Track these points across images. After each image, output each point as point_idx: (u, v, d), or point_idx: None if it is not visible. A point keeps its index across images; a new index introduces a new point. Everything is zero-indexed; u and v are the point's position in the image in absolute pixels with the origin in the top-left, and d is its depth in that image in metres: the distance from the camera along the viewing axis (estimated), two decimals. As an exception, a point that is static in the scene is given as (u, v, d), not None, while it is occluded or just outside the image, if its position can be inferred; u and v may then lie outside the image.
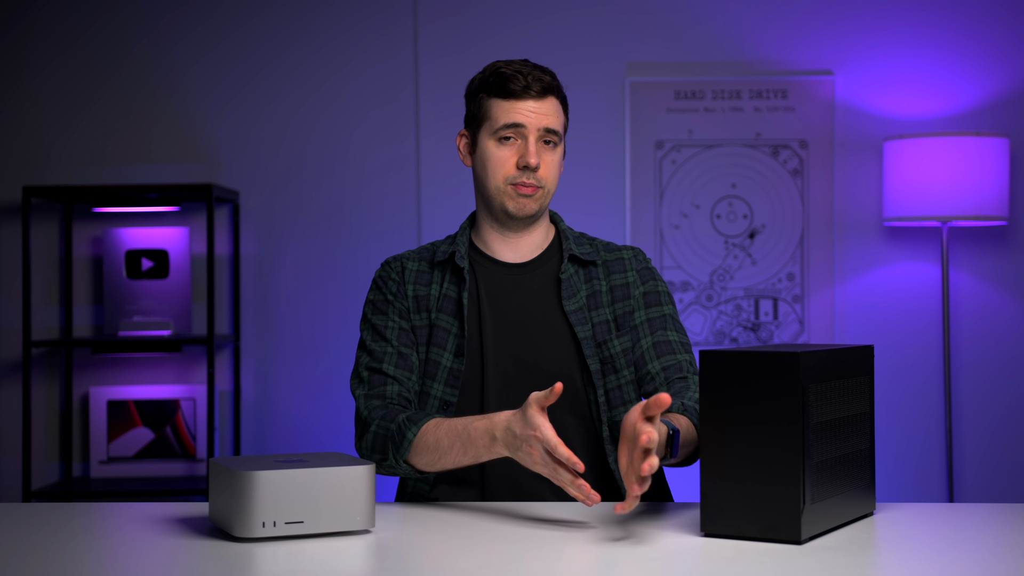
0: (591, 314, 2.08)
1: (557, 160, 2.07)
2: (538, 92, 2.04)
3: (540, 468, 1.75)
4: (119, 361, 3.90)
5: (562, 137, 2.08)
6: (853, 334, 3.84)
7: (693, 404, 1.92)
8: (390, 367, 2.04)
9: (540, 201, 2.06)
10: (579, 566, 1.52)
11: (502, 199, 2.05)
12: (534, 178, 2.03)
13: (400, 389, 2.03)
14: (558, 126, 2.06)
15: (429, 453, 1.91)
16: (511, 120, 2.03)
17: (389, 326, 2.08)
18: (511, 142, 2.05)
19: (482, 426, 1.84)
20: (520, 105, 2.03)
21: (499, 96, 2.05)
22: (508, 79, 2.03)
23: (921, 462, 3.84)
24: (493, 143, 2.05)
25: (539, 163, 2.03)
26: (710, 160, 3.87)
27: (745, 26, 3.87)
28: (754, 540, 1.60)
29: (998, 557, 1.57)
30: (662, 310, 2.12)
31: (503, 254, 2.12)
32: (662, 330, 2.10)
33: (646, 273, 2.14)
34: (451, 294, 2.09)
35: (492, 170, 2.06)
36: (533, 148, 2.03)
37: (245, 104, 3.90)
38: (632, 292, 2.11)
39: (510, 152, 2.05)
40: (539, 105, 2.04)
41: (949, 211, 3.58)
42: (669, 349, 2.08)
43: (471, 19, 3.89)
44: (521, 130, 2.03)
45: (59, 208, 3.89)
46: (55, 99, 3.91)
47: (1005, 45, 3.84)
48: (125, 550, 1.64)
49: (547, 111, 2.04)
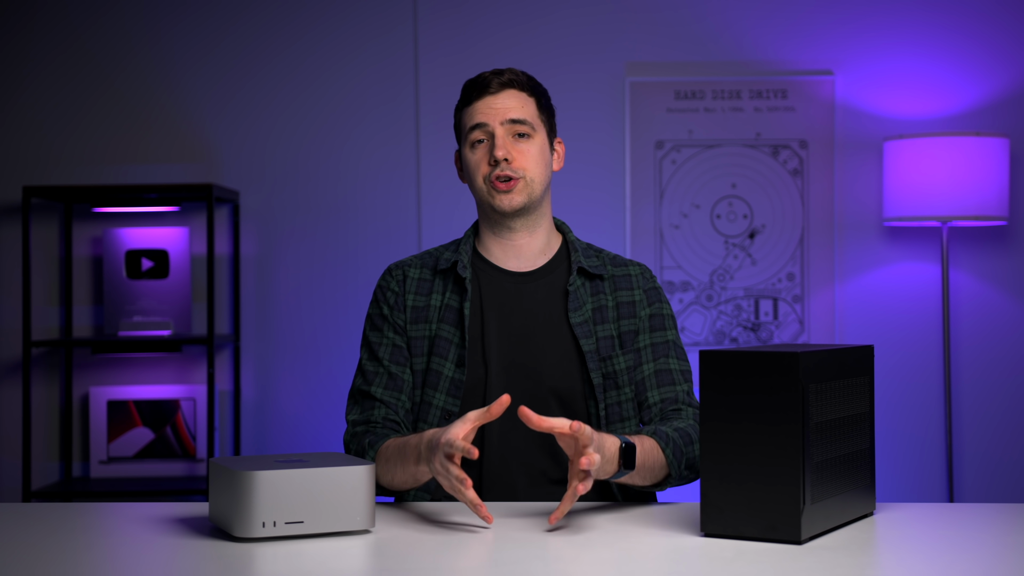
0: (596, 328, 2.08)
1: (535, 150, 2.07)
2: (496, 88, 2.06)
3: (441, 481, 1.76)
4: (119, 361, 3.90)
5: (537, 127, 2.08)
6: (853, 334, 3.84)
7: (669, 430, 1.93)
8: (379, 389, 2.07)
9: (524, 192, 2.05)
10: (579, 566, 1.52)
11: (487, 199, 2.07)
12: (509, 169, 2.04)
13: (387, 412, 2.05)
14: (525, 115, 2.06)
15: (385, 472, 1.94)
16: (474, 121, 2.06)
17: (383, 343, 2.10)
18: (482, 144, 2.07)
19: (414, 441, 1.87)
20: (480, 104, 2.07)
21: (465, 104, 2.09)
22: (469, 85, 2.08)
23: (921, 462, 3.84)
24: (468, 150, 2.09)
25: (508, 154, 2.03)
26: (710, 160, 3.87)
27: (745, 26, 3.87)
28: (754, 540, 1.60)
29: (998, 557, 1.57)
30: (666, 335, 2.12)
31: (506, 261, 2.11)
32: (664, 357, 2.10)
33: (653, 294, 2.14)
34: (453, 304, 2.08)
35: (472, 175, 2.08)
36: (500, 141, 2.04)
37: (245, 104, 3.90)
38: (638, 312, 2.11)
39: (482, 153, 2.07)
40: (497, 99, 2.06)
41: (949, 211, 3.58)
42: (669, 379, 2.09)
43: (471, 19, 3.89)
44: (486, 128, 2.06)
45: (59, 208, 3.89)
46: (55, 99, 3.91)
47: (1005, 45, 3.85)
48: (125, 550, 1.64)
49: (509, 104, 2.06)
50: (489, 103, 2.06)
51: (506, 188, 2.04)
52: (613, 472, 1.76)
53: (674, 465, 1.90)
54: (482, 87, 2.07)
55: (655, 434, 1.90)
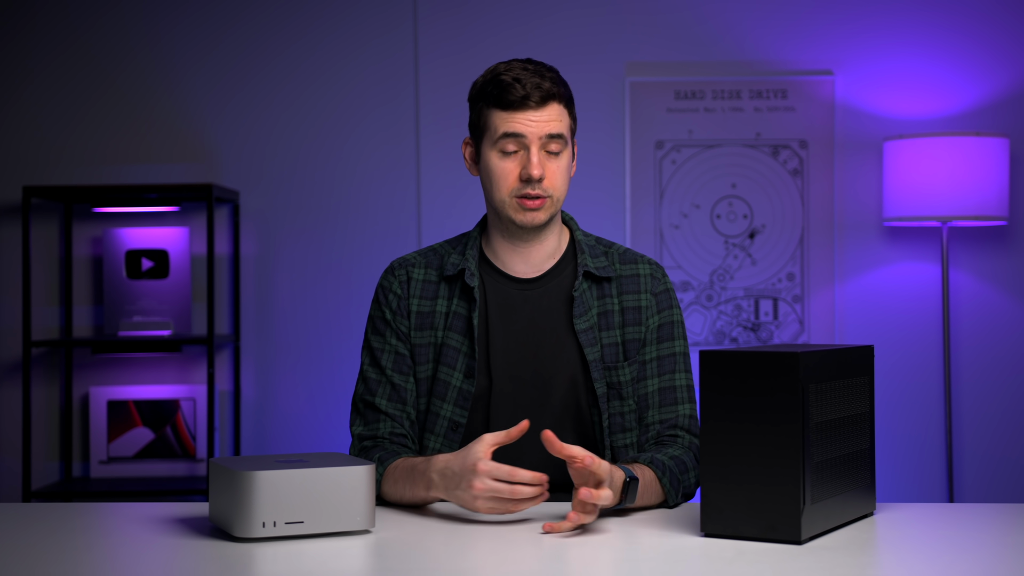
0: (601, 335, 2.04)
1: (563, 166, 2.00)
2: (537, 101, 1.97)
3: (480, 505, 1.76)
4: (119, 361, 3.90)
5: (568, 140, 2.01)
6: (853, 334, 3.84)
7: (666, 459, 1.92)
8: (383, 401, 2.05)
9: (549, 211, 2.00)
10: (579, 566, 1.52)
11: (509, 213, 2.00)
12: (539, 188, 1.97)
13: (393, 425, 2.03)
14: (561, 130, 1.99)
15: (393, 492, 1.92)
16: (510, 130, 1.97)
17: (386, 350, 2.07)
18: (513, 154, 1.99)
19: (422, 468, 1.86)
20: (519, 116, 1.97)
21: (498, 107, 1.98)
22: (506, 89, 1.97)
23: (921, 462, 3.84)
24: (495, 155, 2.00)
25: (543, 174, 1.97)
26: (710, 160, 3.87)
27: (745, 26, 3.87)
28: (754, 540, 1.60)
29: (998, 557, 1.57)
30: (673, 347, 2.07)
31: (514, 266, 2.06)
32: (670, 373, 2.06)
33: (663, 298, 2.09)
34: (461, 311, 2.04)
35: (496, 183, 2.00)
36: (536, 160, 1.96)
37: (245, 104, 3.90)
38: (645, 320, 2.06)
39: (513, 164, 1.99)
40: (539, 113, 1.97)
41: (949, 211, 3.58)
42: (672, 399, 2.05)
43: (471, 19, 3.89)
44: (522, 140, 1.97)
45: (59, 208, 3.89)
46: (55, 99, 3.91)
47: (1005, 45, 3.84)
48: (125, 550, 1.64)
49: (548, 118, 1.98)
50: (530, 116, 1.97)
51: (534, 207, 1.98)
52: (614, 504, 1.76)
53: (671, 494, 1.89)
54: (524, 96, 1.97)
55: (652, 463, 1.89)
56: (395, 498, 1.93)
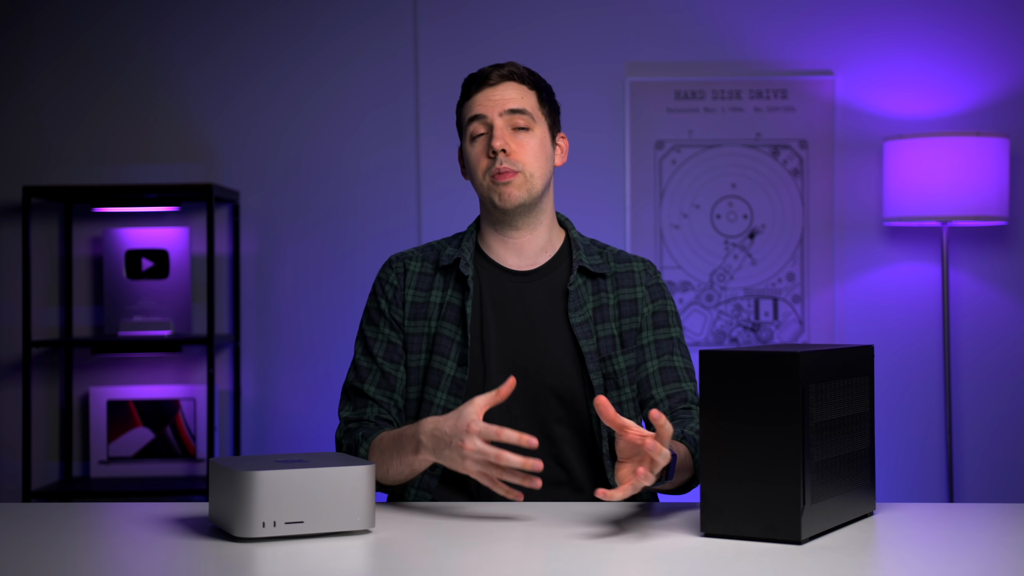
0: (596, 328, 2.06)
1: (535, 144, 2.04)
2: (496, 80, 2.05)
3: (469, 467, 1.76)
4: (119, 361, 3.90)
5: (537, 119, 2.06)
6: (853, 334, 3.84)
7: (693, 434, 1.92)
8: (371, 387, 2.06)
9: (523, 188, 2.03)
10: (579, 566, 1.52)
11: (487, 194, 2.05)
12: (508, 162, 2.01)
13: (379, 411, 2.05)
14: (523, 105, 2.04)
15: (380, 464, 1.93)
16: (473, 112, 2.05)
17: (379, 339, 2.08)
18: (482, 137, 2.05)
19: (410, 432, 1.86)
20: (479, 96, 2.05)
21: (465, 98, 2.08)
22: (469, 81, 2.07)
23: (921, 462, 3.84)
24: (468, 144, 2.07)
25: (506, 145, 2.01)
26: (710, 160, 3.87)
27: (745, 26, 3.87)
28: (754, 540, 1.60)
29: (998, 557, 1.57)
30: (670, 332, 2.10)
31: (507, 259, 2.09)
32: (668, 355, 2.08)
33: (656, 290, 2.12)
34: (455, 302, 2.07)
35: (472, 169, 2.06)
36: (498, 132, 2.02)
37: (245, 104, 3.90)
38: (640, 309, 2.09)
39: (482, 146, 2.05)
40: (496, 90, 2.04)
41: (949, 211, 3.58)
42: (675, 376, 2.07)
43: (471, 19, 3.89)
44: (485, 120, 2.04)
45: (59, 208, 3.89)
46: (55, 99, 3.91)
47: (1005, 45, 3.85)
48: (125, 550, 1.64)
49: (508, 95, 2.04)
50: (488, 95, 2.04)
51: (504, 180, 2.01)
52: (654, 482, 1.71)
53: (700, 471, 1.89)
54: (481, 79, 2.06)
55: (684, 439, 1.89)
56: (382, 471, 1.93)
